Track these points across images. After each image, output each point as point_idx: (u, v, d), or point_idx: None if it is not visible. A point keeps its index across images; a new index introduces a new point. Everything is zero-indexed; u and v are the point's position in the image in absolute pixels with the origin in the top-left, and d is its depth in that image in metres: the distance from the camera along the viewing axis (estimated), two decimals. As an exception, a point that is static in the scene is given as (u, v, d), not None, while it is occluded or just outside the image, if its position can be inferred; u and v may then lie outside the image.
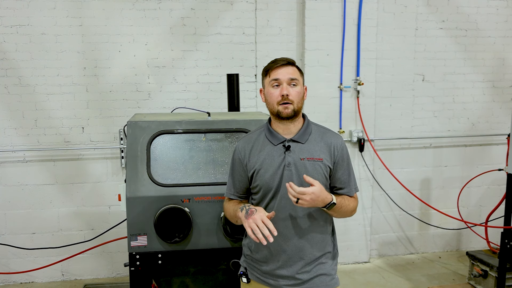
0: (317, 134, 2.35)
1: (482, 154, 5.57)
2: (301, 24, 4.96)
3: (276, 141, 2.32)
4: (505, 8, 5.39)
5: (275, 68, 2.27)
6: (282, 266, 2.32)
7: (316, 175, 2.26)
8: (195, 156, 2.82)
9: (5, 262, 4.71)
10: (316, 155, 2.29)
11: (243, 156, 2.37)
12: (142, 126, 2.80)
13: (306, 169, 2.26)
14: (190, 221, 2.65)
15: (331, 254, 2.41)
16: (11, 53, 4.52)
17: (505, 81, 5.53)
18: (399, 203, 5.36)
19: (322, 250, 2.36)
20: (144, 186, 2.68)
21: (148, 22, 4.72)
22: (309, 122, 2.39)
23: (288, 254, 2.31)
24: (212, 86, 4.91)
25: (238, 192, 2.43)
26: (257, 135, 2.40)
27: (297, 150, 2.29)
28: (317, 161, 2.28)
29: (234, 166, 2.42)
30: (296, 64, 2.33)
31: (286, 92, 2.23)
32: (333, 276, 2.39)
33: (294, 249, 2.31)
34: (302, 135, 2.32)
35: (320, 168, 2.28)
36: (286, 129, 2.32)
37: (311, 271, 2.33)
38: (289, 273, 2.32)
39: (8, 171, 4.63)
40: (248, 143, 2.39)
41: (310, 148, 2.30)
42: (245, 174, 2.37)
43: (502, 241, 4.16)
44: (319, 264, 2.35)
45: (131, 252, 2.68)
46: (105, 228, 4.67)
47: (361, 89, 5.04)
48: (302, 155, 2.28)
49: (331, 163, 2.31)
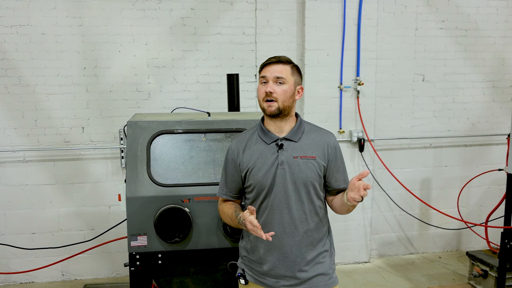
0: (310, 133, 2.36)
1: (482, 154, 5.57)
2: (301, 24, 4.96)
3: (269, 139, 2.32)
4: (505, 8, 5.39)
5: (265, 65, 2.30)
6: (278, 266, 2.32)
7: (309, 173, 2.27)
8: (195, 156, 2.82)
9: (5, 262, 4.71)
10: (309, 153, 2.29)
11: (236, 155, 2.38)
12: (142, 126, 2.80)
13: (299, 167, 2.27)
14: (190, 221, 2.65)
15: (328, 253, 2.41)
16: (11, 53, 4.52)
17: (505, 81, 5.53)
18: (399, 203, 5.36)
19: (318, 249, 2.36)
20: (144, 186, 2.68)
21: (148, 22, 4.72)
22: (302, 120, 2.40)
23: (284, 253, 2.30)
24: (212, 86, 4.91)
25: (231, 192, 2.43)
26: (250, 134, 2.41)
27: (290, 148, 2.30)
28: (310, 159, 2.28)
29: (227, 166, 2.42)
30: (290, 62, 2.31)
31: (270, 89, 2.23)
32: (331, 275, 2.39)
33: (289, 248, 2.30)
34: (295, 133, 2.32)
35: (313, 166, 2.28)
36: (278, 127, 2.32)
37: (309, 270, 2.32)
38: (286, 273, 2.31)
39: (8, 171, 4.63)
40: (241, 143, 2.40)
41: (303, 147, 2.31)
42: (238, 174, 2.37)
43: (502, 241, 4.16)
44: (317, 264, 2.34)
45: (131, 252, 2.68)
46: (105, 228, 4.67)
47: (361, 89, 5.04)
48: (295, 153, 2.28)
49: (324, 161, 2.32)
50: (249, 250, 2.42)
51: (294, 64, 2.35)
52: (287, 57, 2.32)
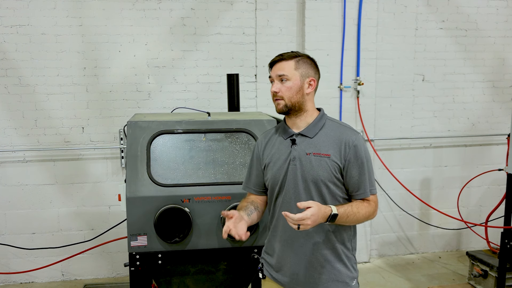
0: (330, 129, 2.24)
1: (482, 154, 5.57)
2: (301, 24, 4.96)
3: (286, 135, 2.30)
4: (505, 8, 5.39)
5: (271, 65, 2.29)
6: (290, 266, 2.27)
7: (320, 171, 2.17)
8: (195, 156, 2.82)
9: (5, 262, 4.71)
10: (324, 151, 2.18)
11: (259, 150, 2.40)
12: (142, 126, 2.80)
13: (311, 164, 2.18)
14: (190, 221, 2.65)
15: (344, 256, 2.28)
16: (11, 53, 4.52)
17: (505, 81, 5.53)
18: (399, 203, 5.36)
19: (333, 251, 2.26)
20: (144, 186, 2.68)
21: (148, 22, 4.72)
22: (324, 116, 2.29)
23: (295, 252, 2.26)
24: (212, 86, 4.91)
25: (254, 187, 2.43)
26: (275, 129, 2.42)
27: (304, 144, 2.23)
28: (323, 156, 2.17)
29: (252, 160, 2.44)
30: (295, 56, 2.23)
31: (275, 89, 2.23)
32: (348, 283, 2.27)
33: (299, 248, 2.25)
34: (310, 129, 2.24)
35: (326, 164, 2.17)
36: (294, 123, 2.29)
37: (320, 274, 2.24)
38: (299, 271, 2.26)
39: (8, 171, 4.63)
40: (265, 137, 2.42)
41: (318, 143, 2.21)
42: (261, 168, 2.39)
43: (502, 241, 4.16)
44: (332, 270, 2.24)
45: (131, 252, 2.68)
46: (105, 228, 4.67)
47: (361, 89, 5.04)
48: (308, 150, 2.21)
49: (340, 160, 2.17)
50: (267, 244, 2.42)
51: (302, 56, 2.26)
52: (292, 52, 2.25)
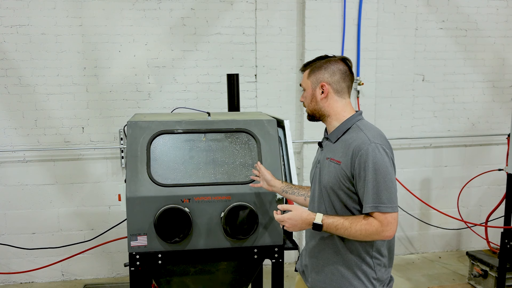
0: (350, 135, 2.14)
1: (482, 154, 5.57)
2: (301, 24, 4.96)
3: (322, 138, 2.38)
4: (505, 8, 5.39)
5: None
6: (305, 261, 2.39)
7: (328, 177, 2.15)
8: (195, 156, 2.81)
9: (5, 262, 4.71)
10: (338, 157, 2.13)
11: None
12: (142, 126, 2.80)
13: (326, 169, 2.19)
14: (190, 221, 2.65)
15: (357, 269, 2.14)
16: (11, 53, 4.52)
17: (505, 81, 5.53)
18: (399, 203, 5.29)
19: (344, 262, 2.17)
20: (144, 186, 2.67)
21: (148, 22, 4.72)
22: (352, 120, 2.18)
23: (307, 251, 2.37)
24: (212, 86, 4.91)
25: None
26: None
27: (327, 149, 2.25)
28: (336, 163, 2.12)
29: None
30: (309, 65, 2.27)
31: (300, 100, 2.36)
32: None
33: (309, 249, 2.33)
34: (333, 134, 2.22)
35: (335, 170, 2.12)
36: (327, 127, 2.32)
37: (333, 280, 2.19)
38: (306, 270, 2.39)
39: (8, 171, 4.63)
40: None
41: (336, 149, 2.17)
42: None
43: (502, 241, 4.16)
44: (342, 280, 2.17)
45: (131, 252, 2.68)
46: (105, 228, 4.66)
47: (361, 89, 5.04)
48: (328, 155, 2.21)
49: (348, 169, 2.07)
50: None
51: (314, 62, 2.25)
52: (308, 62, 2.29)
